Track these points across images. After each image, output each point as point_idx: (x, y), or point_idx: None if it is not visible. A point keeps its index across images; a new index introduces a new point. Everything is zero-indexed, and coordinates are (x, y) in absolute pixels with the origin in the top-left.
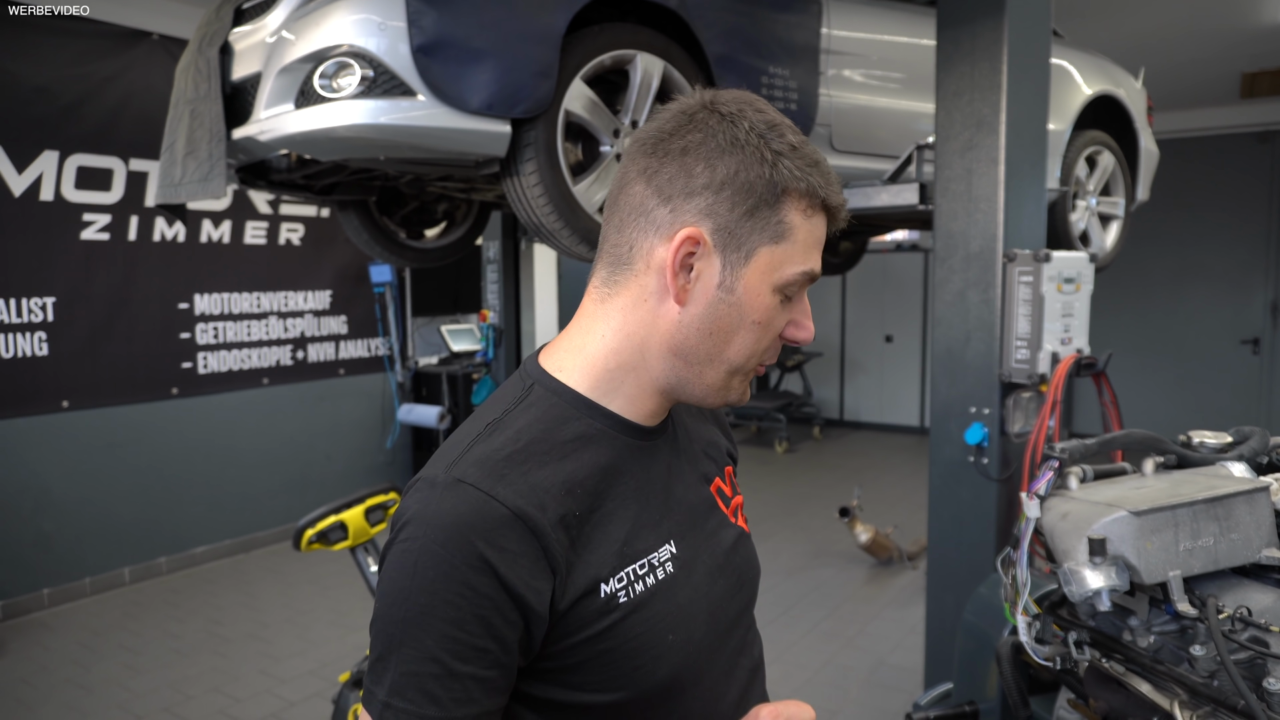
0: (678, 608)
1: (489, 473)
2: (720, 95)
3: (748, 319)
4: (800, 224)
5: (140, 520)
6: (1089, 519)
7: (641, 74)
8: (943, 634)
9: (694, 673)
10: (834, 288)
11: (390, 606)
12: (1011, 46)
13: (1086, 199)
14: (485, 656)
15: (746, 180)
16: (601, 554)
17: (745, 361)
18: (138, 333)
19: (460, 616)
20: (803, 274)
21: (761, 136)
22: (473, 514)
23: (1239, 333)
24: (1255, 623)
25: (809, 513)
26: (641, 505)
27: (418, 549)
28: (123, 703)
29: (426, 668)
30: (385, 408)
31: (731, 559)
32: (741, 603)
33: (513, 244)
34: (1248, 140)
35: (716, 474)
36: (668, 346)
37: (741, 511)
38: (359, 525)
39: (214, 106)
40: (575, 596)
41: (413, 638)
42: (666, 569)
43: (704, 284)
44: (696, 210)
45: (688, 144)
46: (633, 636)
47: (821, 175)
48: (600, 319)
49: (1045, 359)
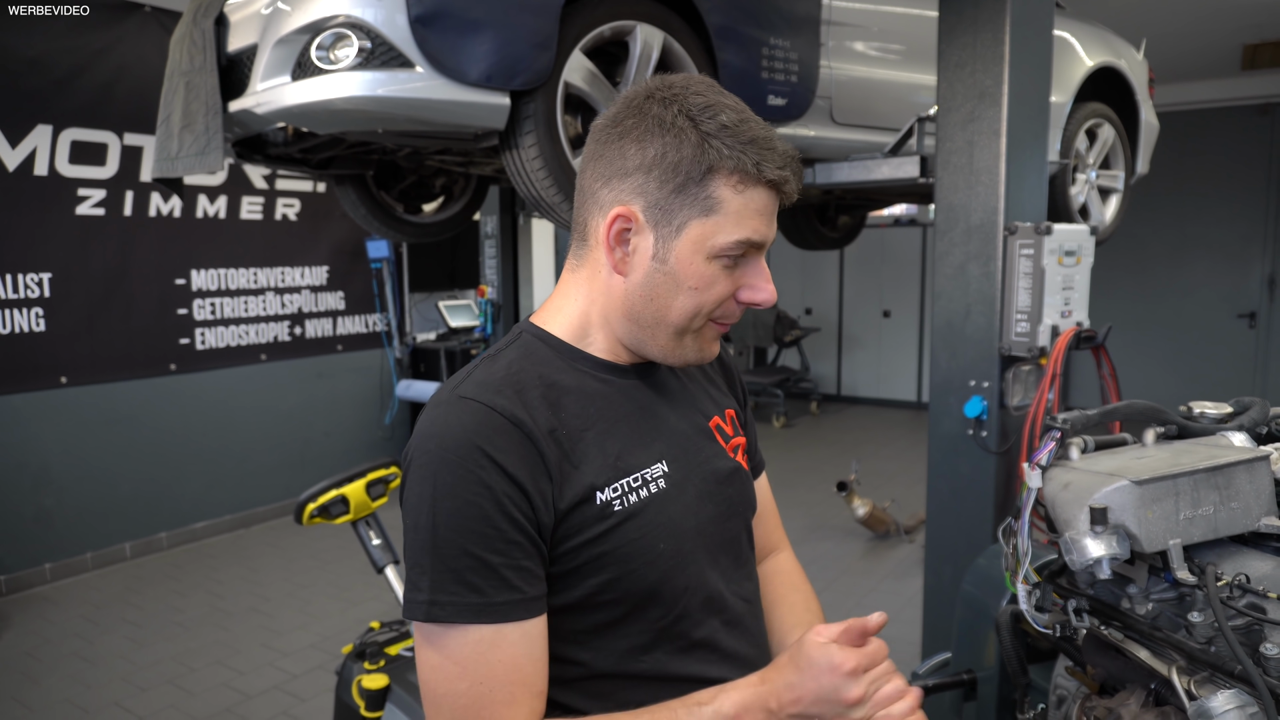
0: (669, 519)
1: (486, 389)
2: (665, 81)
3: (684, 285)
4: (731, 198)
5: (140, 496)
6: (1091, 489)
7: (641, 45)
8: (940, 605)
9: (682, 582)
10: (832, 263)
11: (418, 516)
12: (1014, 17)
13: (1086, 172)
14: (515, 548)
15: (674, 160)
16: (595, 465)
17: (689, 322)
18: (135, 309)
19: (483, 513)
20: (737, 242)
21: (691, 118)
22: (476, 423)
23: (1236, 307)
24: (1253, 590)
25: (807, 487)
26: (631, 428)
27: (435, 460)
28: (126, 675)
29: (462, 562)
30: (383, 384)
31: (724, 488)
32: (733, 530)
33: (510, 219)
34: (1248, 113)
35: (716, 413)
36: (621, 312)
37: (743, 452)
38: (360, 499)
39: (210, 79)
40: (574, 501)
41: (444, 539)
42: (659, 484)
43: (640, 256)
44: (630, 189)
45: (624, 129)
46: (627, 542)
47: (757, 151)
48: (572, 287)
49: (1045, 332)
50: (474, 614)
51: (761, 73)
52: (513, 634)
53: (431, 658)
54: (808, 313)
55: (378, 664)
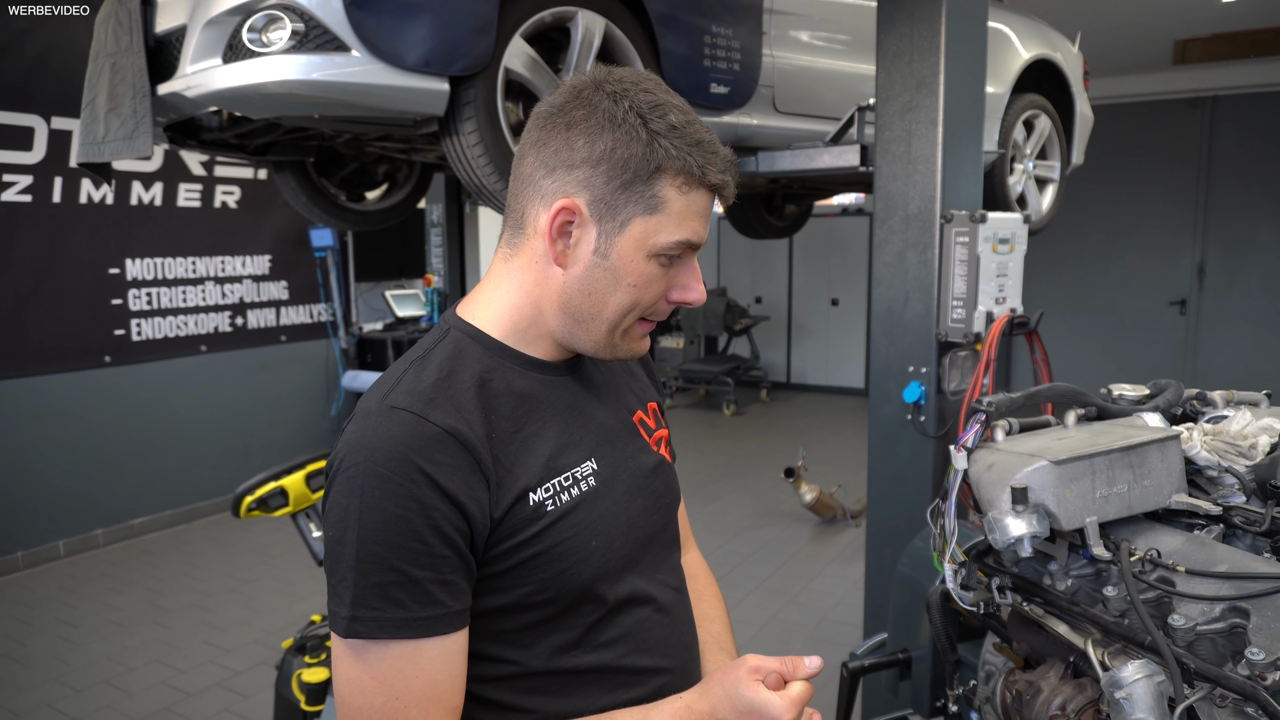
0: (599, 517)
1: (419, 399)
2: (612, 73)
3: (623, 282)
4: (675, 198)
5: (74, 492)
6: (1012, 469)
7: (583, 32)
8: (881, 587)
9: (614, 578)
10: (781, 252)
11: (343, 530)
12: (950, 8)
13: (1024, 162)
14: (442, 563)
15: (623, 156)
16: (528, 467)
17: (622, 319)
18: (66, 299)
19: (410, 527)
20: (677, 243)
21: (641, 116)
22: (409, 435)
23: (1168, 294)
24: (1163, 564)
25: (756, 474)
26: (562, 427)
27: (364, 473)
28: (60, 676)
29: (386, 577)
30: (329, 374)
31: (651, 482)
32: (659, 523)
33: (457, 207)
34: (1180, 106)
35: (639, 407)
36: (556, 304)
37: (666, 444)
38: (300, 491)
39: (136, 60)
40: (508, 504)
41: (368, 553)
42: (589, 482)
43: (582, 249)
44: (576, 182)
45: (572, 119)
46: (560, 541)
47: (702, 154)
48: (505, 277)
49: (980, 318)
50: (395, 629)
51: (704, 61)
52: (432, 650)
53: (348, 670)
54: (758, 301)
55: (318, 658)
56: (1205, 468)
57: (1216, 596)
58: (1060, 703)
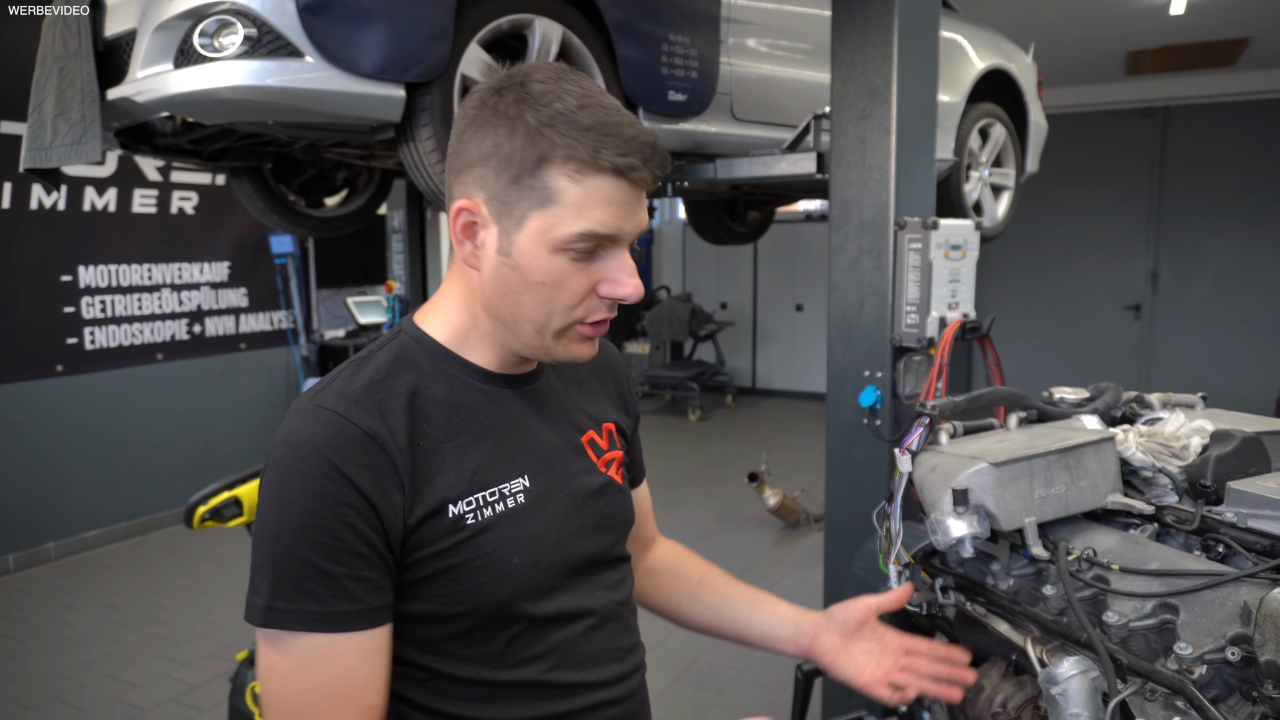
0: (525, 535)
1: (345, 399)
2: (514, 70)
3: (531, 280)
4: (568, 187)
5: (24, 505)
6: (954, 471)
7: (540, 39)
8: (840, 590)
9: (539, 597)
10: (745, 257)
11: (264, 522)
12: (902, 19)
13: (980, 170)
14: (357, 559)
15: (507, 151)
16: (451, 479)
17: (547, 320)
18: (15, 306)
19: (325, 523)
20: (579, 234)
21: (526, 106)
22: (328, 433)
23: (1123, 299)
24: (1099, 562)
25: (720, 479)
26: (495, 441)
27: (284, 468)
28: (8, 694)
29: (301, 570)
30: (290, 382)
31: (593, 503)
32: (603, 543)
33: (418, 213)
34: (1132, 116)
35: (591, 427)
36: (483, 308)
37: (618, 467)
38: (254, 500)
39: (85, 64)
40: (424, 514)
41: (285, 546)
42: (518, 499)
43: (488, 250)
44: (472, 182)
45: (468, 121)
46: (478, 556)
47: (595, 138)
48: (449, 284)
49: (934, 323)
50: (308, 622)
51: (662, 69)
52: (344, 645)
53: (266, 659)
54: (723, 307)
55: None
56: (1140, 468)
57: (1148, 593)
58: (1001, 700)
